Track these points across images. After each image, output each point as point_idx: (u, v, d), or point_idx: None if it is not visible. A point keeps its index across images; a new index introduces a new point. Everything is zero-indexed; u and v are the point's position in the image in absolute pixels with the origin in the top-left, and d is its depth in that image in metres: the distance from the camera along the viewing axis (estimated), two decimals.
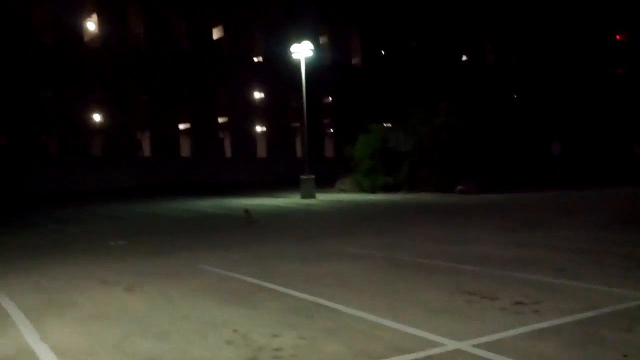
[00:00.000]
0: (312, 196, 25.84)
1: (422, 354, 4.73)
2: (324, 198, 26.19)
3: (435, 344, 4.94)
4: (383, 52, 46.88)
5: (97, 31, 37.82)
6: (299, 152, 45.97)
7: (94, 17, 37.65)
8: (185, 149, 41.41)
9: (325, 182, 29.98)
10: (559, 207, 19.44)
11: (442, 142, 26.48)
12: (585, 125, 30.27)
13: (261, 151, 44.46)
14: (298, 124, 45.61)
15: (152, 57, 38.41)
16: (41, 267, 9.87)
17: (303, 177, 26.20)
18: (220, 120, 42.20)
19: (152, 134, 39.24)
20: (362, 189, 28.75)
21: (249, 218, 16.33)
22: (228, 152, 42.75)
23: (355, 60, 46.13)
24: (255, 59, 43.72)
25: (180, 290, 7.53)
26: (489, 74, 37.45)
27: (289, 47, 44.25)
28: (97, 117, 38.35)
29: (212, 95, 40.90)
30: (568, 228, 13.11)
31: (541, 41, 36.09)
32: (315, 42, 36.02)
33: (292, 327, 5.58)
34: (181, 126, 40.85)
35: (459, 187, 25.72)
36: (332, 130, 47.64)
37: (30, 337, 5.62)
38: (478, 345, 4.86)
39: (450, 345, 4.91)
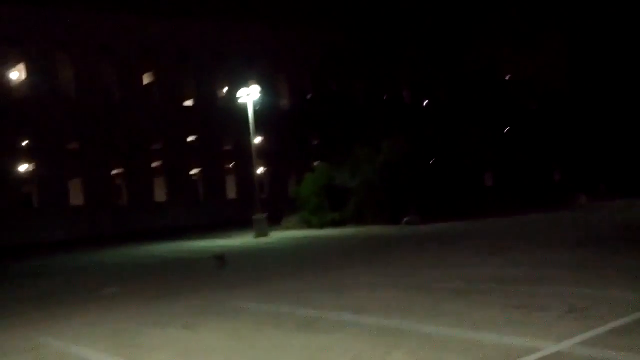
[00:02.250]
0: (266, 235, 26.22)
1: (535, 356, 5.38)
2: (277, 236, 26.57)
3: (537, 349, 5.56)
4: (308, 97, 48.32)
5: (25, 80, 36.80)
6: (230, 194, 46.15)
7: (22, 66, 36.68)
8: (119, 196, 40.68)
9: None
10: (509, 232, 20.74)
11: (386, 178, 27.66)
12: (513, 157, 32.68)
13: (195, 195, 44.24)
14: (230, 166, 45.99)
15: (83, 105, 37.74)
16: (63, 318, 9.79)
17: (255, 216, 26.55)
18: (154, 164, 41.78)
19: (84, 182, 38.27)
20: (310, 226, 29.31)
21: (222, 262, 16.07)
22: (162, 197, 42.26)
23: (283, 104, 47.12)
24: (186, 103, 43.86)
25: (245, 326, 7.82)
26: (422, 113, 39.62)
27: (218, 90, 45.08)
28: (26, 168, 37.07)
29: (145, 140, 40.51)
30: (539, 250, 14.09)
31: (465, 81, 38.65)
32: (244, 86, 36.69)
33: (394, 347, 6.07)
34: (114, 172, 40.10)
35: (405, 219, 26.82)
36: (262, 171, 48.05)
37: None
38: (576, 345, 5.58)
39: (551, 347, 5.58)
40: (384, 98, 41.95)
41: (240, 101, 28.23)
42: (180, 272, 16.41)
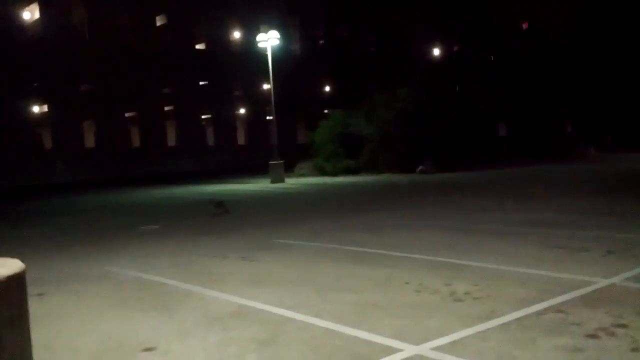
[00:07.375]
0: (282, 180, 26.64)
1: (590, 288, 5.80)
2: (293, 182, 27.02)
3: (590, 282, 5.99)
4: (321, 42, 48.18)
5: (38, 21, 36.54)
6: (240, 140, 46.46)
7: (35, 6, 36.37)
8: (131, 140, 40.95)
9: None
10: (526, 181, 21.18)
11: (402, 125, 27.94)
12: (526, 108, 32.91)
13: (204, 140, 44.49)
14: (241, 112, 46.16)
15: (95, 46, 37.60)
16: (116, 250, 10.10)
17: (272, 162, 26.90)
18: (166, 108, 41.88)
19: (96, 124, 38.49)
20: (323, 173, 29.73)
21: (222, 208, 15.68)
22: (173, 142, 42.56)
23: (294, 49, 46.87)
24: (198, 47, 43.66)
25: (300, 259, 8.28)
26: (438, 62, 39.52)
27: (230, 34, 44.79)
28: (39, 110, 37.24)
29: (156, 83, 40.51)
30: (563, 197, 14.60)
31: (479, 31, 38.42)
32: (255, 31, 36.56)
33: (453, 278, 6.53)
34: (126, 115, 40.23)
35: (420, 167, 27.28)
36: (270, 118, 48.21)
37: (233, 298, 6.16)
38: (625, 280, 6.04)
39: (603, 281, 6.01)
40: (397, 46, 41.74)
41: (259, 46, 28.13)
42: (210, 213, 16.64)
